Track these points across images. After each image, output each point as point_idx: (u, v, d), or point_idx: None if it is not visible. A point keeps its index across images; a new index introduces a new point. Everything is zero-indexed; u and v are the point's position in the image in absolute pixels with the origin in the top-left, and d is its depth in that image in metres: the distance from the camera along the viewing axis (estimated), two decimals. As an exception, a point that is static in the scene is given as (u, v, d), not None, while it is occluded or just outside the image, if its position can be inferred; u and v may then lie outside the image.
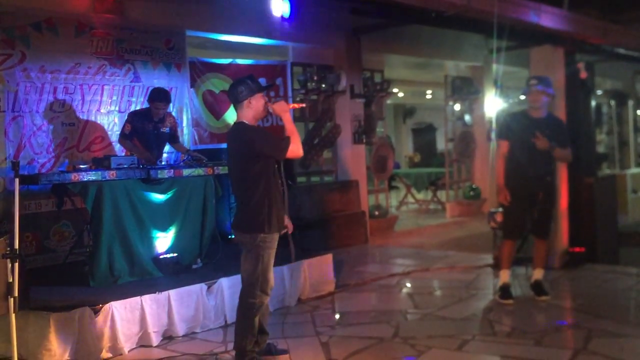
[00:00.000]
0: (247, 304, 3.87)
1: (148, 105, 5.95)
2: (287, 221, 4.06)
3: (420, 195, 13.45)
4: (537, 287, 5.51)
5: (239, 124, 3.89)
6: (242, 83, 3.85)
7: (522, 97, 5.50)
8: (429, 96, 18.20)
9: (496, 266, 6.40)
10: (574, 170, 7.08)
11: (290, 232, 4.13)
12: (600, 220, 7.24)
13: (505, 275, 5.49)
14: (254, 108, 3.84)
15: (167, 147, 6.25)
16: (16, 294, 3.29)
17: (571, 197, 7.06)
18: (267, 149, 3.80)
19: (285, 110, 3.92)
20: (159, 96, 5.77)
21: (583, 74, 7.33)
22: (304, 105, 3.81)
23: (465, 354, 4.22)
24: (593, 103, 7.96)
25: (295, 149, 3.85)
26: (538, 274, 5.56)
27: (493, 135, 8.42)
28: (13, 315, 3.31)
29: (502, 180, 5.42)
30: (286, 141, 3.83)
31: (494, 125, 8.83)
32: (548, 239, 5.60)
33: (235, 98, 3.86)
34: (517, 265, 6.41)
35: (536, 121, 5.32)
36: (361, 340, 4.50)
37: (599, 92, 14.62)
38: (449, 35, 10.06)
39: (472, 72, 11.95)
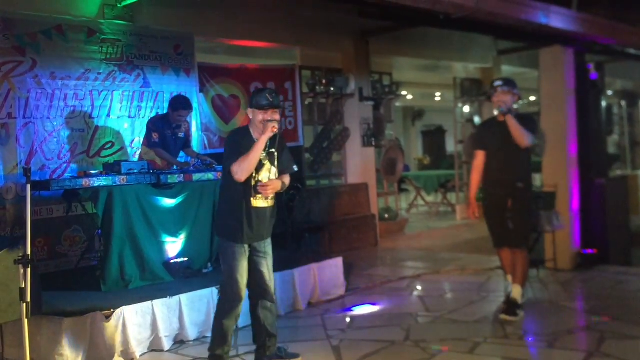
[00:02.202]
0: (217, 306, 4.01)
1: (166, 112, 5.98)
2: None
3: (430, 198, 13.41)
4: (507, 304, 5.05)
5: (240, 127, 4.11)
6: (253, 94, 3.99)
7: (495, 111, 5.09)
8: (438, 98, 18.16)
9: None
10: (585, 171, 7.05)
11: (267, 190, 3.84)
12: (612, 222, 7.20)
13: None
14: (252, 120, 3.91)
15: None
16: (28, 299, 3.30)
17: (582, 199, 7.02)
18: (225, 154, 3.90)
19: (264, 133, 3.79)
20: (184, 104, 5.81)
21: (593, 75, 7.29)
22: (276, 130, 3.76)
23: (477, 357, 4.20)
24: (604, 103, 7.91)
25: (235, 170, 3.73)
26: (514, 291, 5.10)
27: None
28: (25, 321, 3.32)
29: (473, 194, 5.31)
30: (235, 159, 3.74)
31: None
32: (523, 250, 5.13)
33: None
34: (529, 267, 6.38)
35: (504, 124, 5.06)
36: (372, 344, 4.49)
37: (610, 92, 14.54)
38: (458, 37, 10.05)
39: (481, 74, 11.91)
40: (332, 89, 8.86)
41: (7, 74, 5.52)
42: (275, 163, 3.94)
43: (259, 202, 3.87)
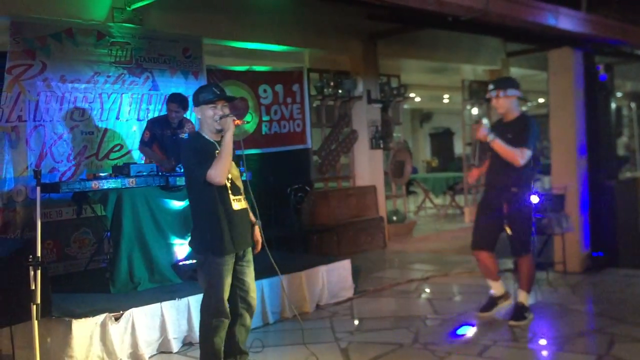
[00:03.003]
0: (203, 326, 3.74)
1: (166, 112, 6.01)
2: (257, 235, 3.84)
3: (438, 200, 13.39)
4: (515, 310, 5.01)
5: (191, 134, 3.85)
6: (195, 92, 3.75)
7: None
8: (446, 100, 18.13)
9: (514, 271, 6.33)
10: (594, 173, 7.01)
11: (257, 250, 3.85)
12: (621, 224, 7.15)
13: (496, 287, 5.15)
14: (203, 119, 3.69)
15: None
16: (38, 301, 3.32)
17: (592, 201, 6.98)
18: (190, 166, 3.64)
19: (227, 129, 3.59)
20: (173, 98, 5.78)
21: (602, 76, 7.25)
22: (240, 122, 3.60)
23: (486, 360, 4.18)
24: (613, 105, 7.87)
25: (213, 174, 3.50)
26: (520, 296, 5.04)
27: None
28: (35, 322, 3.34)
29: (480, 168, 5.17)
30: (209, 163, 3.54)
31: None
32: (525, 255, 4.98)
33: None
34: (538, 269, 6.34)
35: (504, 126, 5.00)
36: (381, 346, 4.48)
37: (619, 94, 14.45)
38: (466, 39, 10.03)
39: (490, 76, 11.87)
40: (340, 91, 8.86)
41: (17, 77, 5.56)
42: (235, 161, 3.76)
43: (237, 204, 3.67)
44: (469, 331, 4.85)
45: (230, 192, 3.65)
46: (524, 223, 4.96)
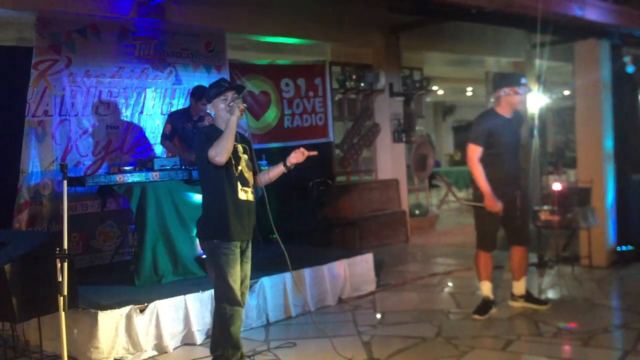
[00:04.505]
0: (218, 315, 3.76)
1: (188, 105, 6.03)
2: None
3: (461, 194, 13.28)
4: (532, 298, 5.06)
5: (206, 126, 3.96)
6: (207, 90, 3.90)
7: (518, 96, 4.84)
8: (469, 93, 17.97)
9: (539, 266, 6.28)
10: (621, 166, 6.90)
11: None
12: (649, 218, 7.03)
13: (485, 288, 5.09)
14: (216, 114, 3.84)
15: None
16: (65, 293, 3.37)
17: (619, 195, 6.87)
18: (198, 149, 3.74)
19: (232, 114, 3.73)
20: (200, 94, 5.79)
21: (630, 68, 7.12)
22: (242, 108, 3.72)
23: (510, 355, 4.15)
24: (640, 97, 7.73)
25: (213, 153, 3.58)
26: (521, 286, 5.11)
27: (535, 132, 8.23)
28: (62, 314, 3.40)
29: (488, 185, 4.86)
30: (210, 144, 3.63)
31: (536, 121, 8.67)
32: (530, 245, 5.08)
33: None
34: (563, 264, 6.30)
35: (508, 121, 4.94)
36: (403, 340, 4.47)
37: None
38: (490, 31, 9.92)
39: (514, 68, 11.73)
40: (362, 84, 8.83)
41: (43, 72, 5.64)
42: (248, 154, 3.87)
43: (244, 194, 3.76)
44: (493, 325, 4.82)
45: (239, 181, 3.74)
46: (529, 212, 5.04)
